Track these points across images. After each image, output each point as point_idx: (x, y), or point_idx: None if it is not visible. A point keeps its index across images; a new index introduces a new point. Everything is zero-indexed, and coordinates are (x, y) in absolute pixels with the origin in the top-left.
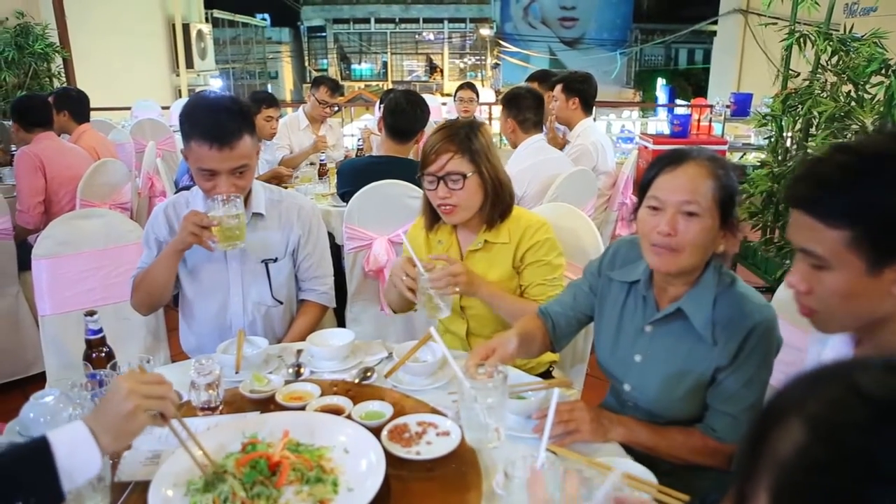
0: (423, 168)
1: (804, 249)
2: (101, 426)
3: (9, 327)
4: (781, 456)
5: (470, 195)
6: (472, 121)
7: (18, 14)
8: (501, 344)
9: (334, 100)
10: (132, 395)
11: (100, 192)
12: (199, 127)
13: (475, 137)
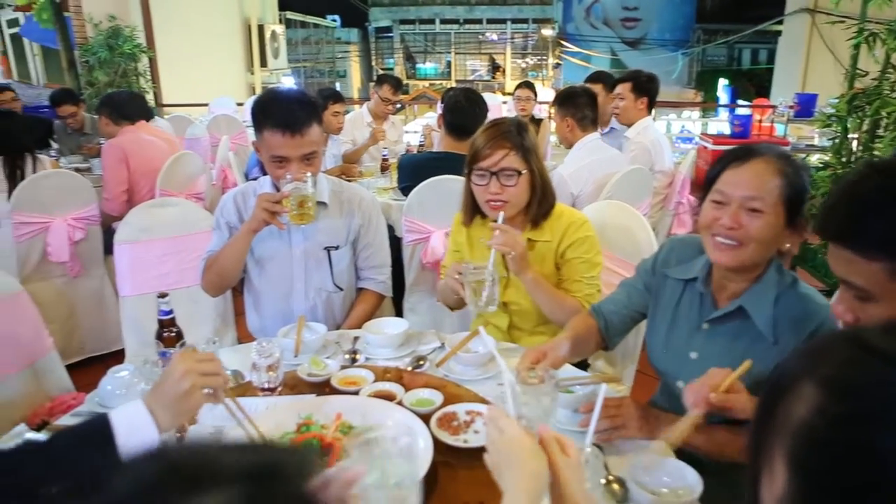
0: (472, 163)
1: (845, 281)
2: (159, 404)
3: (94, 306)
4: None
5: (520, 192)
6: (517, 119)
7: (111, 17)
8: (553, 348)
9: (397, 97)
10: (189, 374)
11: (177, 182)
12: (273, 117)
13: (525, 135)
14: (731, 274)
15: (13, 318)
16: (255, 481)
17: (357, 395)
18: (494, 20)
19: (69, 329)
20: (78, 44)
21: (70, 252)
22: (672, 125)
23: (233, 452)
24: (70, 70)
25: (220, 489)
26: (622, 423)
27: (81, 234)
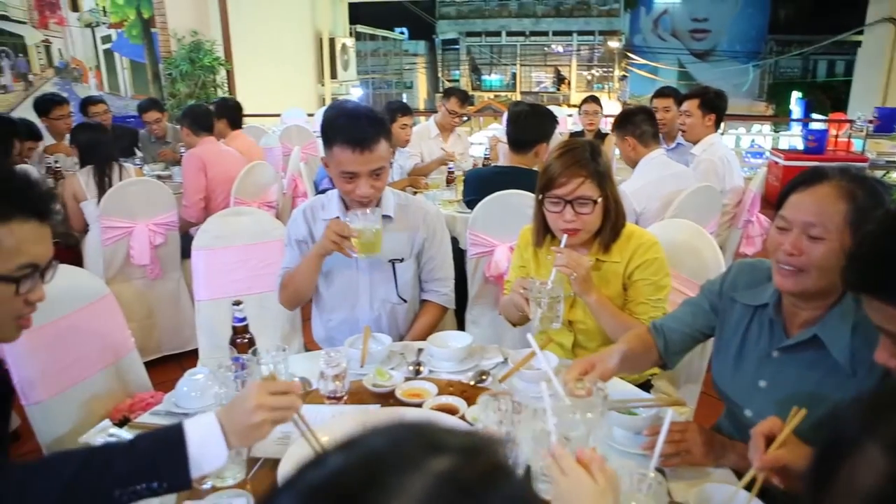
0: (546, 189)
1: (881, 328)
2: (230, 426)
3: (171, 307)
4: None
5: (594, 219)
6: (591, 141)
7: (193, 32)
8: (602, 360)
9: (464, 110)
10: (260, 409)
11: (250, 191)
12: (342, 133)
13: (599, 158)
14: (801, 301)
15: (101, 319)
16: (470, 452)
17: (420, 408)
18: (560, 32)
19: (147, 328)
20: (162, 57)
21: (151, 255)
22: (741, 139)
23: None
24: (154, 82)
25: (450, 455)
26: (686, 449)
27: (162, 238)
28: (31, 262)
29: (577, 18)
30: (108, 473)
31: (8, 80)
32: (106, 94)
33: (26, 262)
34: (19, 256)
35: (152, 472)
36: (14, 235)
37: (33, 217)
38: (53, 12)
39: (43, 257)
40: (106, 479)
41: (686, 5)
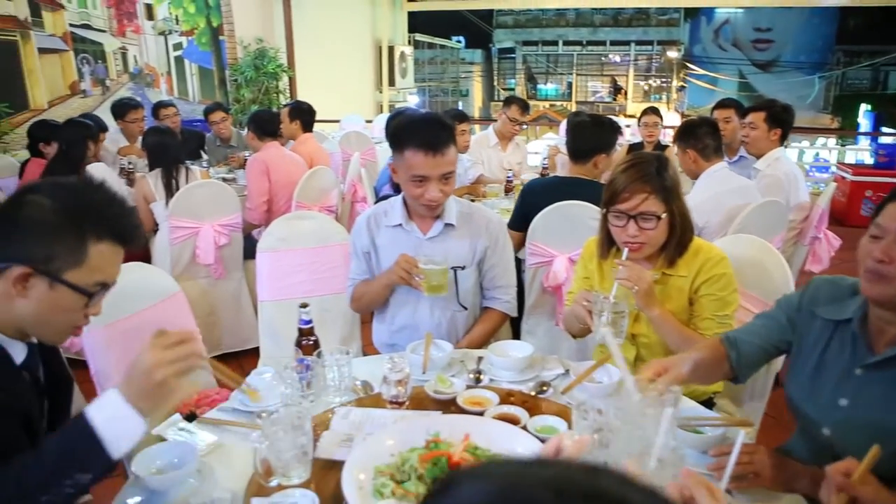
0: (610, 203)
1: None
2: (135, 393)
3: (232, 306)
4: None
5: (659, 234)
6: (659, 155)
7: (258, 40)
8: (675, 364)
9: (524, 118)
10: (158, 366)
11: (312, 195)
12: (415, 137)
13: (665, 173)
14: (889, 315)
15: (172, 316)
16: None
17: (482, 417)
18: (618, 42)
19: (209, 326)
20: (228, 64)
21: (215, 255)
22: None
23: None
24: (221, 88)
25: None
26: (755, 471)
27: (226, 239)
28: (105, 280)
29: (635, 28)
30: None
31: (88, 86)
32: (175, 99)
33: (102, 279)
34: (99, 274)
35: (72, 467)
36: (101, 255)
37: (119, 242)
38: (131, 21)
39: (114, 278)
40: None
41: (749, 15)
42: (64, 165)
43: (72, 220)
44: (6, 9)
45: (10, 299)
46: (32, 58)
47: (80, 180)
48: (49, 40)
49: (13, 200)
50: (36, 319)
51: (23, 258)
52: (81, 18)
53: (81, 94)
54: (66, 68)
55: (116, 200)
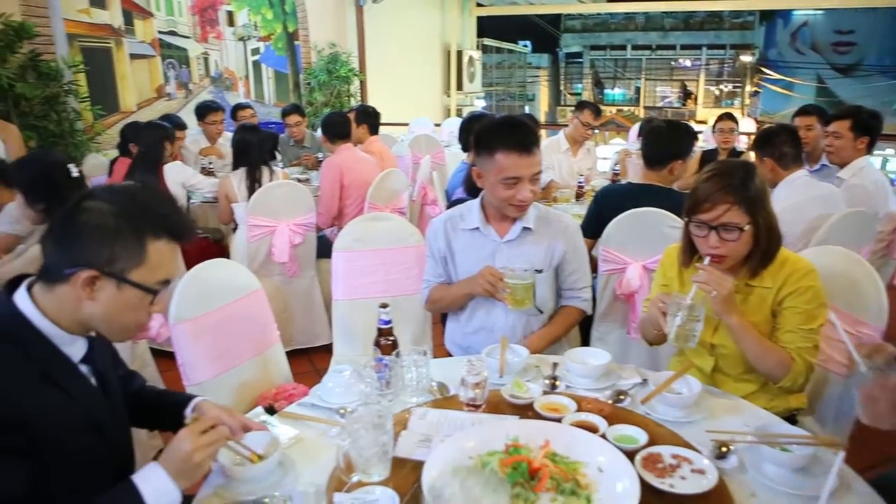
0: (692, 213)
1: None
2: (176, 472)
3: (304, 303)
4: None
5: (741, 246)
6: (745, 163)
7: (332, 45)
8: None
9: (596, 123)
10: (197, 451)
11: (384, 196)
12: (506, 139)
13: (751, 183)
14: None
15: (252, 311)
16: None
17: (560, 423)
18: (689, 46)
19: (282, 323)
20: (303, 68)
21: (290, 254)
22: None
23: None
24: (295, 91)
25: None
26: None
27: (300, 238)
28: (167, 277)
29: (707, 32)
30: None
31: (172, 89)
32: (252, 102)
33: (163, 277)
34: (160, 271)
35: None
36: (160, 253)
37: (174, 239)
38: (213, 28)
39: (174, 274)
40: None
41: (829, 17)
42: (144, 165)
43: (129, 221)
44: (103, 18)
45: (79, 302)
46: (124, 63)
47: (132, 183)
48: (139, 46)
49: (72, 208)
50: (105, 320)
51: (88, 262)
52: (168, 26)
53: (166, 97)
54: (153, 73)
55: (167, 200)
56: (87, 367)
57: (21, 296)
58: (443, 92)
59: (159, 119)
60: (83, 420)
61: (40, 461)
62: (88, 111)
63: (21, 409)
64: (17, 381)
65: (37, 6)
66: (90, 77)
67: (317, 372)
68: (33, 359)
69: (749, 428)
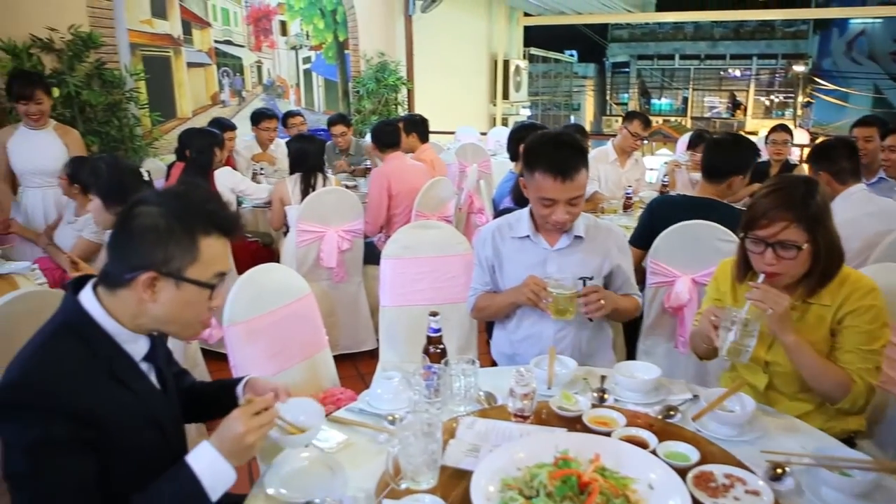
0: (748, 228)
1: None
2: (228, 451)
3: (350, 309)
4: None
5: (799, 265)
6: (807, 179)
7: (380, 54)
8: None
9: (645, 133)
10: (249, 433)
11: (431, 204)
12: (546, 161)
13: (812, 200)
14: None
15: (303, 316)
16: None
17: (609, 437)
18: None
19: (328, 327)
20: (352, 76)
21: (338, 260)
22: None
23: None
24: (344, 99)
25: None
26: None
27: (348, 244)
28: (221, 270)
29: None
30: None
31: (226, 96)
32: (302, 109)
33: (218, 270)
34: (214, 266)
35: None
36: (211, 248)
37: (223, 233)
38: (266, 37)
39: (227, 267)
40: None
41: (888, 25)
42: (194, 171)
43: (179, 220)
44: (164, 28)
45: (142, 304)
46: (182, 71)
47: (177, 185)
48: (196, 55)
49: (125, 214)
50: (169, 319)
51: (145, 265)
52: (224, 35)
53: (220, 104)
54: (209, 80)
55: (213, 197)
56: (148, 365)
57: (87, 295)
58: (489, 101)
59: (209, 123)
60: (145, 416)
61: (107, 455)
62: (147, 117)
63: (91, 404)
64: (87, 378)
65: (103, 17)
66: (150, 84)
67: (361, 377)
68: (99, 356)
69: (806, 449)
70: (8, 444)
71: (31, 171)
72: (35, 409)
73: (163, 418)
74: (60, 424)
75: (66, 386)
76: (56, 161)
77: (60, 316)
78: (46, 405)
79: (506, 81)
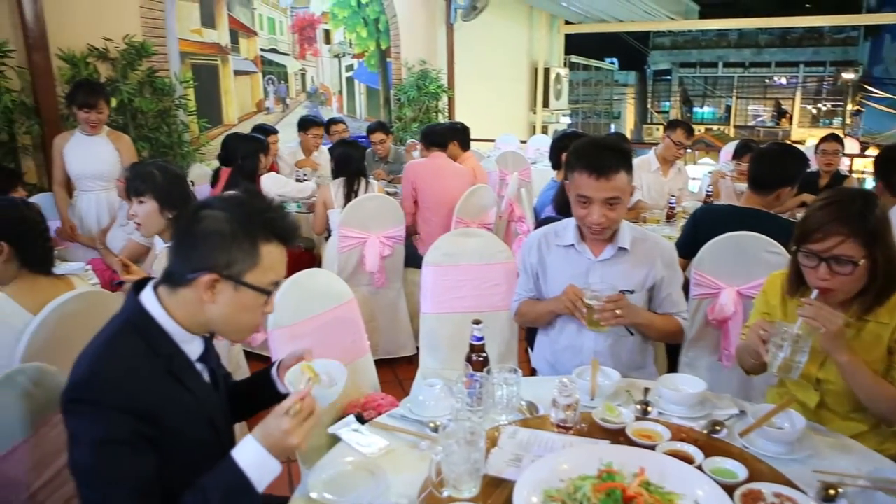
0: (801, 241)
1: None
2: (273, 448)
3: (390, 314)
4: None
5: (854, 281)
6: (865, 192)
7: (422, 62)
8: None
9: (689, 142)
10: (294, 434)
11: (472, 211)
12: (584, 159)
13: (870, 214)
14: None
15: (346, 320)
16: None
17: (654, 451)
18: (785, 63)
19: (369, 332)
20: (393, 84)
21: (379, 265)
22: None
23: None
24: (385, 106)
25: None
26: None
27: (389, 250)
28: (277, 279)
29: (805, 48)
30: None
31: (271, 103)
32: (345, 116)
33: (275, 278)
34: (272, 273)
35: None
36: (271, 255)
37: (282, 241)
38: (311, 45)
39: (283, 275)
40: None
41: None
42: (240, 176)
43: (243, 227)
44: (212, 37)
45: (201, 304)
46: (229, 79)
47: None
48: (243, 63)
49: (190, 217)
50: (224, 320)
51: (208, 266)
52: (270, 44)
53: (265, 111)
54: (254, 88)
55: (274, 206)
56: (202, 366)
57: (147, 295)
58: (528, 109)
59: (252, 129)
60: (200, 415)
61: (163, 452)
62: (195, 123)
63: (152, 401)
64: (149, 375)
65: (156, 27)
66: (198, 92)
67: (399, 382)
68: (160, 355)
69: (860, 471)
70: (75, 438)
71: (85, 175)
72: (101, 405)
73: (216, 417)
74: (125, 420)
75: (130, 383)
76: (109, 166)
77: (123, 315)
78: (112, 401)
79: (546, 89)
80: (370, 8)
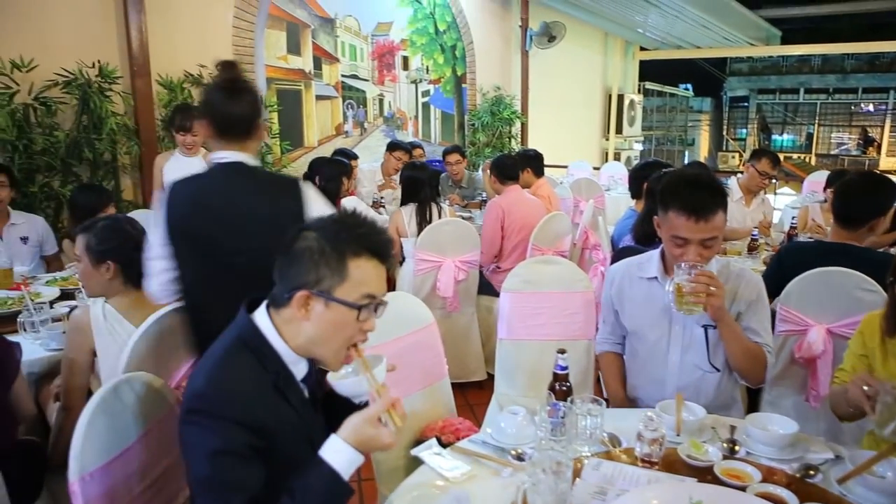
0: None
1: None
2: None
3: (463, 339)
4: None
5: None
6: None
7: (496, 87)
8: None
9: (774, 172)
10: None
11: (548, 238)
12: (681, 199)
13: None
14: None
15: (426, 344)
16: None
17: (744, 493)
18: (873, 89)
19: None
20: (468, 109)
21: (454, 290)
22: None
23: None
24: (459, 131)
25: None
26: None
27: (464, 275)
28: (371, 293)
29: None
30: None
31: (350, 127)
32: (420, 140)
33: (367, 292)
34: (363, 287)
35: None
36: (361, 269)
37: (375, 256)
38: (389, 71)
39: (380, 291)
40: None
41: None
42: (324, 198)
43: (330, 243)
44: (297, 63)
45: (299, 323)
46: (311, 103)
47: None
48: (325, 88)
49: (292, 239)
50: (318, 338)
51: (301, 284)
52: (351, 70)
53: (344, 135)
54: (334, 112)
55: (367, 221)
56: (304, 387)
57: (261, 314)
58: (601, 135)
59: (333, 153)
60: (302, 432)
61: (271, 467)
62: (277, 146)
63: (263, 415)
64: (259, 390)
65: (246, 54)
66: (281, 115)
67: (470, 407)
68: (269, 371)
69: None
70: (191, 448)
71: None
72: (217, 417)
73: (315, 437)
74: (239, 432)
75: (244, 397)
76: None
77: (235, 331)
78: (227, 414)
79: (619, 115)
80: (447, 35)
